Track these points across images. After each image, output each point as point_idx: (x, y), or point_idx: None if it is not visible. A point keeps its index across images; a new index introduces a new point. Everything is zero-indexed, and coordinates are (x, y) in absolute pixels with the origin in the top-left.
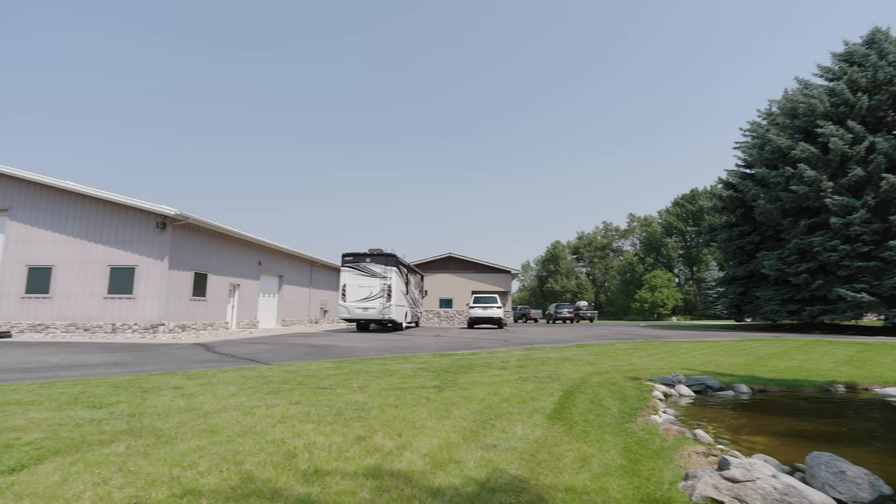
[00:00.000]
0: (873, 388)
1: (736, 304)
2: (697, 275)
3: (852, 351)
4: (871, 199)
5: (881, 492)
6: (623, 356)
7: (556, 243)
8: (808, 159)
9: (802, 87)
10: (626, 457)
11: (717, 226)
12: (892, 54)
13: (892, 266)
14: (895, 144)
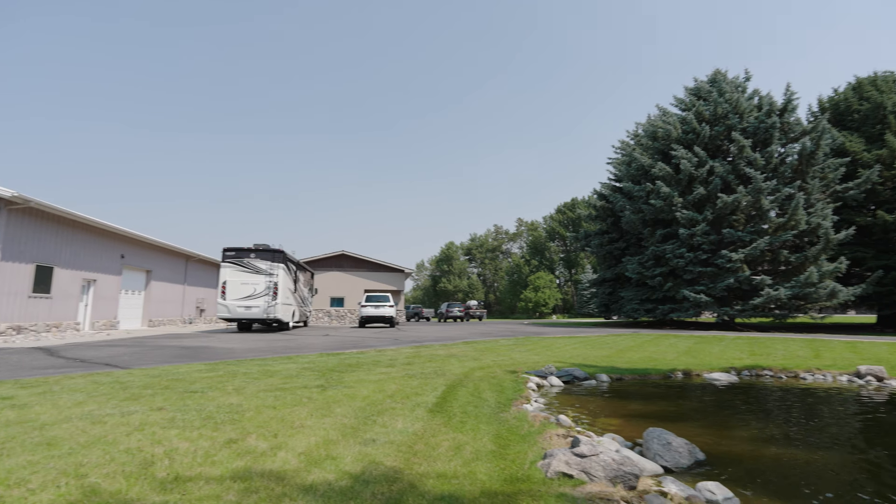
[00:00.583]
0: (703, 374)
1: (605, 303)
2: (575, 277)
3: (690, 343)
4: (710, 215)
5: (696, 457)
6: (505, 352)
7: (450, 244)
8: (664, 177)
9: (662, 113)
10: (497, 443)
11: (591, 233)
12: (728, 93)
13: (724, 271)
14: (728, 169)
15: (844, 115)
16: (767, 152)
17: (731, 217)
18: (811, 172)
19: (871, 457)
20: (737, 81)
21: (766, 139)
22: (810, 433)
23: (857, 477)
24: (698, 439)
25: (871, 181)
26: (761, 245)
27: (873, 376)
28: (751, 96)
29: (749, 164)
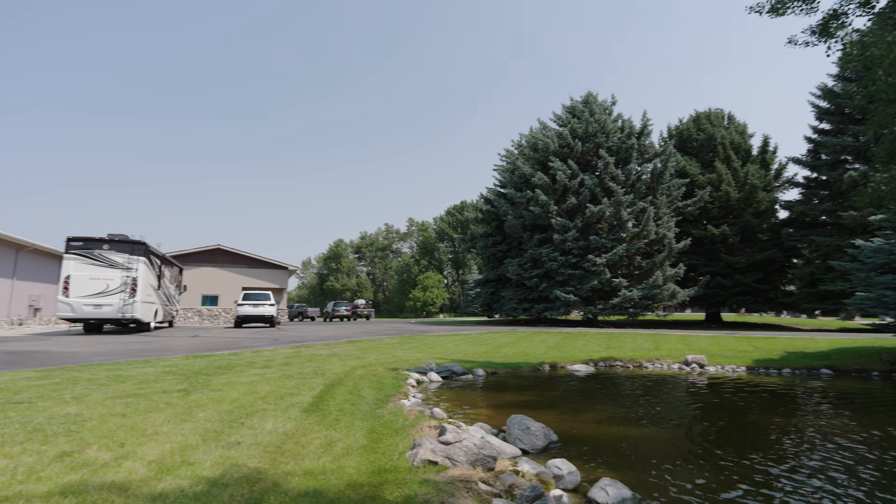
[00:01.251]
0: (567, 366)
1: (488, 302)
2: (462, 277)
3: (559, 339)
4: (580, 223)
5: (551, 439)
6: (389, 350)
7: (339, 241)
8: (542, 186)
9: (542, 127)
10: (370, 437)
11: (477, 235)
12: (597, 114)
13: (589, 274)
14: (596, 182)
15: (686, 143)
16: (627, 170)
17: (597, 225)
18: (660, 189)
19: (690, 430)
20: (605, 104)
21: (626, 158)
22: (646, 413)
23: (678, 446)
24: (555, 423)
25: (704, 200)
26: (620, 251)
27: (697, 364)
28: (616, 118)
29: (612, 179)
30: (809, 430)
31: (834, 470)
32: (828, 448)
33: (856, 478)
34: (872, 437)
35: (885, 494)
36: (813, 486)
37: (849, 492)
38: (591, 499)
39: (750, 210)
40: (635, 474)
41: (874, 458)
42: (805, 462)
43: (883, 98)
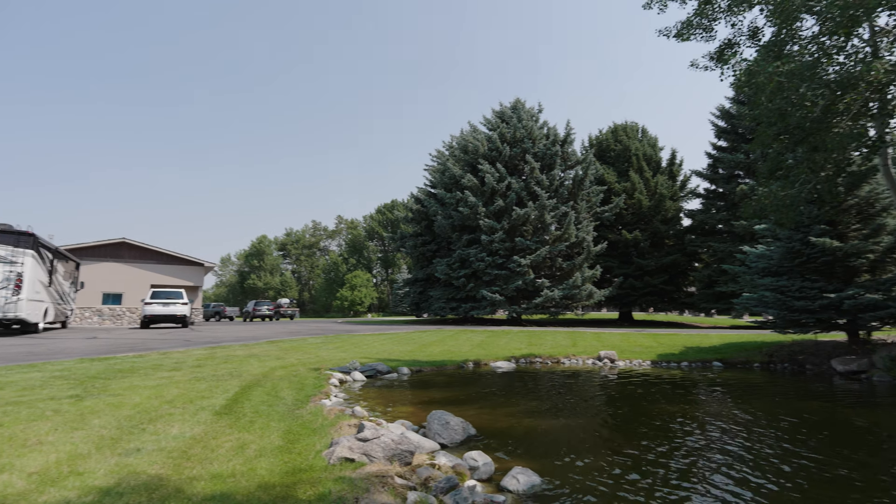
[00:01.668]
0: (490, 363)
1: (416, 302)
2: (391, 276)
3: (483, 337)
4: (507, 224)
5: (469, 433)
6: (312, 350)
7: (263, 238)
8: (471, 188)
9: (472, 130)
10: (286, 438)
11: (406, 234)
12: (525, 120)
13: (514, 274)
14: (523, 186)
15: (605, 152)
16: (551, 175)
17: (523, 228)
18: (581, 195)
19: (598, 419)
20: (532, 111)
21: (550, 164)
22: (560, 405)
23: (587, 435)
24: (475, 418)
25: (619, 207)
26: (543, 253)
27: (609, 359)
28: (542, 126)
29: (538, 184)
30: (699, 415)
31: (716, 448)
32: (713, 429)
33: (731, 454)
34: (747, 419)
35: (753, 466)
36: (699, 462)
37: (727, 464)
38: (504, 487)
39: (659, 217)
40: (546, 462)
41: (746, 435)
42: (693, 443)
43: (765, 121)
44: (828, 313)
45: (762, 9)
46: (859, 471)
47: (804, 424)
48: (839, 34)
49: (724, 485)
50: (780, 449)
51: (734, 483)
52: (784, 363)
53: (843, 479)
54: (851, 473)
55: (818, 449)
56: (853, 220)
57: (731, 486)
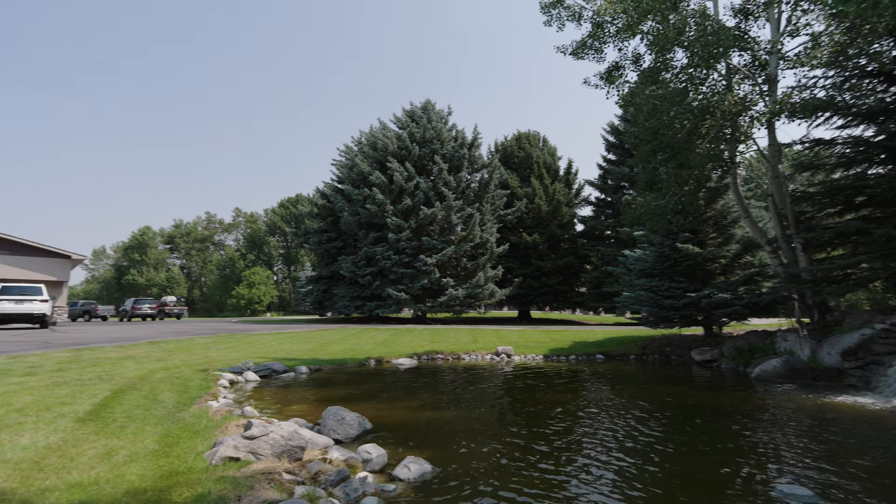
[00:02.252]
0: (392, 360)
1: (319, 300)
2: (294, 274)
3: (387, 335)
4: (414, 224)
5: (365, 427)
6: (200, 350)
7: (146, 229)
8: (379, 185)
9: (382, 127)
10: (164, 442)
11: (311, 230)
12: (434, 122)
13: (420, 273)
14: (431, 186)
15: (509, 158)
16: (459, 177)
17: (430, 227)
18: (486, 198)
19: (492, 410)
20: (442, 113)
21: (458, 166)
22: (457, 398)
23: (480, 425)
24: (373, 413)
25: (521, 210)
26: (449, 252)
27: (506, 354)
28: (451, 128)
29: (445, 185)
30: (582, 402)
31: (594, 429)
32: (592, 413)
33: (607, 433)
34: (622, 403)
35: (623, 442)
36: (581, 441)
37: (604, 442)
38: (395, 476)
39: (556, 222)
40: (440, 451)
41: (620, 416)
42: (576, 426)
43: (643, 138)
44: (689, 310)
45: (643, 38)
46: (701, 440)
47: (665, 405)
48: (703, 67)
49: (602, 460)
50: (645, 426)
51: (609, 457)
52: (654, 354)
53: (691, 446)
54: (697, 443)
55: (673, 424)
56: (711, 229)
57: (606, 460)
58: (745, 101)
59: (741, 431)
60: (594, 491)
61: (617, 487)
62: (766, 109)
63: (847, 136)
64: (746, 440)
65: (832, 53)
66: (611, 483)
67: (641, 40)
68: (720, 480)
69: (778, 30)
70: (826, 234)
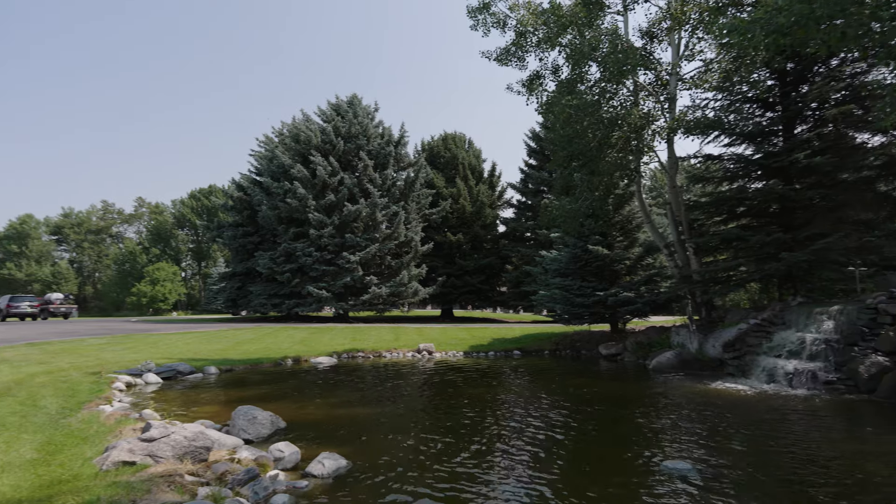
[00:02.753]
0: (310, 359)
1: (233, 298)
2: (205, 270)
3: (306, 334)
4: (337, 220)
5: (279, 426)
6: (92, 352)
7: (27, 217)
8: (301, 179)
9: (305, 119)
10: (44, 450)
11: (225, 224)
12: (361, 117)
13: (343, 271)
14: (355, 182)
15: (436, 158)
16: (384, 174)
17: (354, 224)
18: (411, 197)
19: (410, 405)
20: (368, 109)
21: (384, 163)
22: (377, 395)
23: (398, 420)
24: (288, 411)
25: (446, 210)
26: (373, 250)
27: (427, 351)
28: (377, 125)
29: (370, 182)
30: (498, 395)
31: (508, 418)
32: (507, 404)
33: (521, 422)
34: (534, 394)
35: (540, 428)
36: (494, 432)
37: (518, 431)
38: (308, 472)
39: (479, 223)
40: (356, 447)
41: (534, 406)
42: (491, 417)
43: (559, 145)
44: (598, 308)
45: (561, 51)
46: (602, 425)
47: (573, 396)
48: (613, 82)
49: (514, 449)
50: (554, 415)
51: (521, 445)
52: (566, 349)
53: (594, 431)
54: (599, 428)
55: (579, 412)
56: (618, 233)
57: (518, 448)
58: (649, 116)
59: (636, 416)
60: (505, 478)
61: (525, 472)
62: (666, 125)
63: (731, 154)
64: (641, 424)
65: (721, 79)
66: (520, 469)
67: (560, 53)
68: (617, 459)
69: (678, 53)
70: (712, 239)
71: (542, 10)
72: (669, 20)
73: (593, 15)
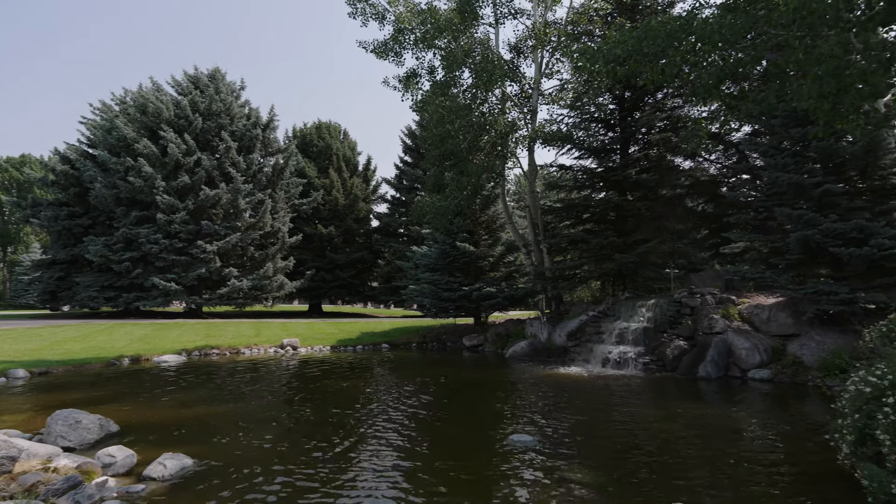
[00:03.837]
0: (153, 358)
1: (52, 290)
2: (12, 257)
3: (149, 330)
4: (192, 205)
5: (109, 430)
6: None
7: None
8: (148, 156)
9: (156, 89)
10: None
11: (43, 202)
12: (224, 94)
13: (197, 261)
14: (215, 165)
15: (308, 146)
16: (250, 159)
17: (212, 210)
18: (280, 185)
19: (268, 402)
20: (233, 86)
21: (250, 147)
22: (232, 393)
23: (253, 417)
24: (123, 415)
25: (318, 201)
26: (234, 240)
27: (291, 346)
28: (243, 104)
29: (233, 166)
30: (363, 387)
31: (371, 410)
32: (373, 396)
33: (386, 411)
34: (401, 385)
35: (402, 416)
36: (356, 424)
37: (380, 421)
38: (147, 476)
39: (352, 216)
40: (206, 446)
41: (399, 395)
42: (354, 408)
43: (432, 144)
44: (463, 302)
45: (437, 53)
46: (462, 408)
47: (436, 384)
48: (483, 89)
49: (374, 438)
50: (417, 403)
51: (381, 433)
52: (433, 342)
53: (454, 414)
54: (457, 411)
55: (441, 399)
56: (484, 231)
57: (378, 437)
58: (513, 124)
59: (492, 399)
60: (365, 469)
61: (387, 460)
62: (528, 134)
63: (580, 166)
64: (495, 406)
65: (574, 98)
66: (382, 457)
67: (435, 55)
68: (474, 438)
69: (540, 70)
70: (563, 241)
71: (421, 10)
72: (534, 39)
73: (468, 23)
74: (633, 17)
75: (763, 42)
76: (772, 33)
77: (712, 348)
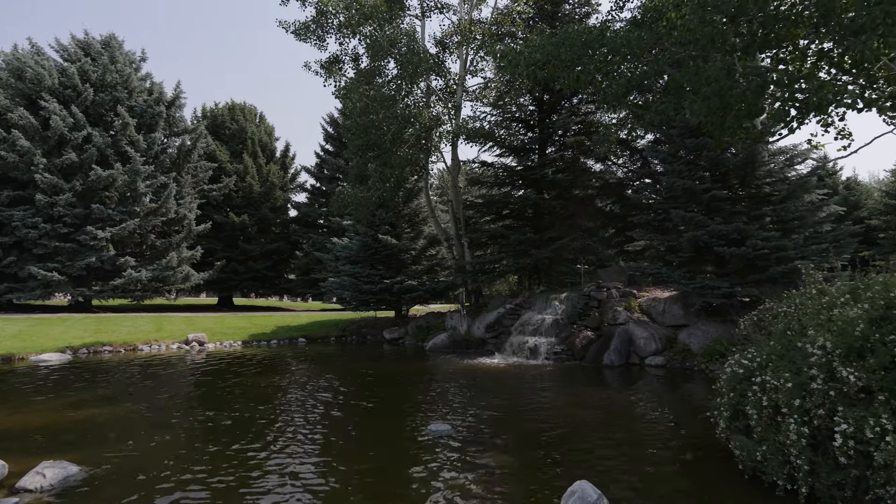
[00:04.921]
0: (30, 357)
1: None
2: None
3: (25, 326)
4: (80, 186)
5: None
6: None
7: None
8: (25, 128)
9: (35, 52)
10: None
11: None
12: (121, 64)
13: (86, 249)
14: (109, 143)
15: (220, 128)
16: (151, 138)
17: (104, 193)
18: (186, 168)
19: (165, 402)
20: (132, 57)
21: (151, 125)
22: (127, 393)
23: (148, 418)
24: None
25: (230, 188)
26: (131, 226)
27: (197, 342)
28: (144, 77)
29: (131, 144)
30: (276, 383)
31: (286, 405)
32: (285, 392)
33: (299, 407)
34: (317, 379)
35: (317, 413)
36: (264, 422)
37: (291, 418)
38: (21, 487)
39: (268, 205)
40: (93, 453)
41: (314, 390)
42: (263, 406)
43: (355, 133)
44: (384, 295)
45: (362, 40)
46: (382, 401)
47: (355, 378)
48: (408, 81)
49: (290, 434)
50: (334, 398)
51: (299, 428)
52: (353, 335)
53: (372, 407)
54: (376, 404)
55: (359, 392)
56: (406, 225)
57: (295, 432)
58: (438, 119)
59: (411, 391)
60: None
61: (300, 457)
62: (452, 130)
63: (501, 163)
64: (414, 397)
65: (496, 97)
66: (294, 455)
67: (360, 42)
68: (391, 429)
69: (465, 67)
70: (483, 236)
71: None
72: (459, 35)
73: (394, 13)
74: (553, 24)
75: (664, 58)
76: (672, 50)
77: (615, 338)
